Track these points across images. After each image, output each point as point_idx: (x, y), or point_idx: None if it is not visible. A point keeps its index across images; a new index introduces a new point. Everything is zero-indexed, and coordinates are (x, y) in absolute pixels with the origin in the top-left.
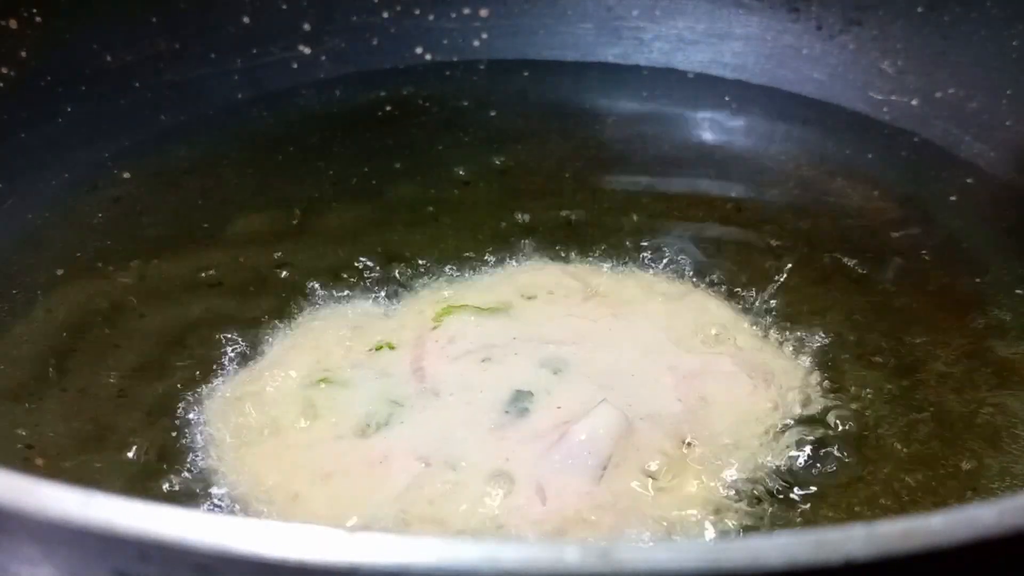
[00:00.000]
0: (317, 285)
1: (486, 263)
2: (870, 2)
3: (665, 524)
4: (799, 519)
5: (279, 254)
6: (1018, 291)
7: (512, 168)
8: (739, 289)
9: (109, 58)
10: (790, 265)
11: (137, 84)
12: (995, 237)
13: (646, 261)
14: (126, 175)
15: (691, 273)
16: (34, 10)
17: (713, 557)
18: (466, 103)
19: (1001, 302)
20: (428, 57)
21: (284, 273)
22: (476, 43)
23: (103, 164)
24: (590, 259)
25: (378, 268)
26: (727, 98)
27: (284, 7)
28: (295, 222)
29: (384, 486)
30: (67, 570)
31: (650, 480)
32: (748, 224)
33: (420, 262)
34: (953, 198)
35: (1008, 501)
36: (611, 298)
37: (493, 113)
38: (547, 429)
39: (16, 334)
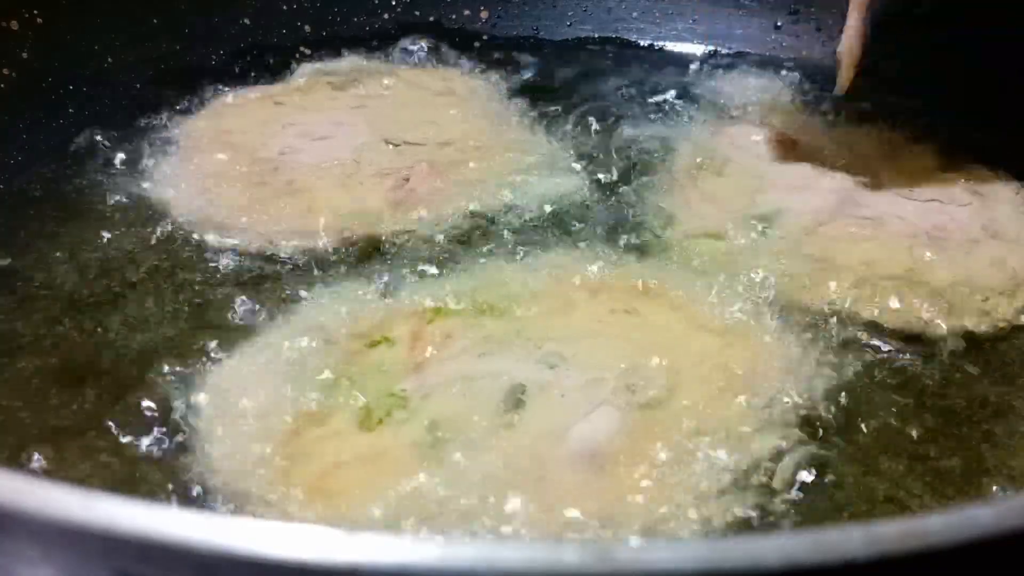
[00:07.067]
0: (315, 277)
1: (483, 258)
2: (869, 4)
3: (666, 521)
4: (800, 517)
5: (279, 246)
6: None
7: None
8: (740, 283)
9: (110, 58)
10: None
11: (137, 84)
12: None
13: (646, 256)
14: (128, 174)
15: (693, 268)
16: (35, 11)
17: (713, 557)
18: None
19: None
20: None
21: (282, 266)
22: (476, 44)
23: (105, 164)
24: (590, 255)
25: (376, 261)
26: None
27: (284, 8)
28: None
29: (384, 481)
30: (67, 570)
31: (651, 478)
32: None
33: (418, 257)
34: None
35: (1006, 502)
36: (612, 293)
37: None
38: (545, 425)
39: (19, 330)
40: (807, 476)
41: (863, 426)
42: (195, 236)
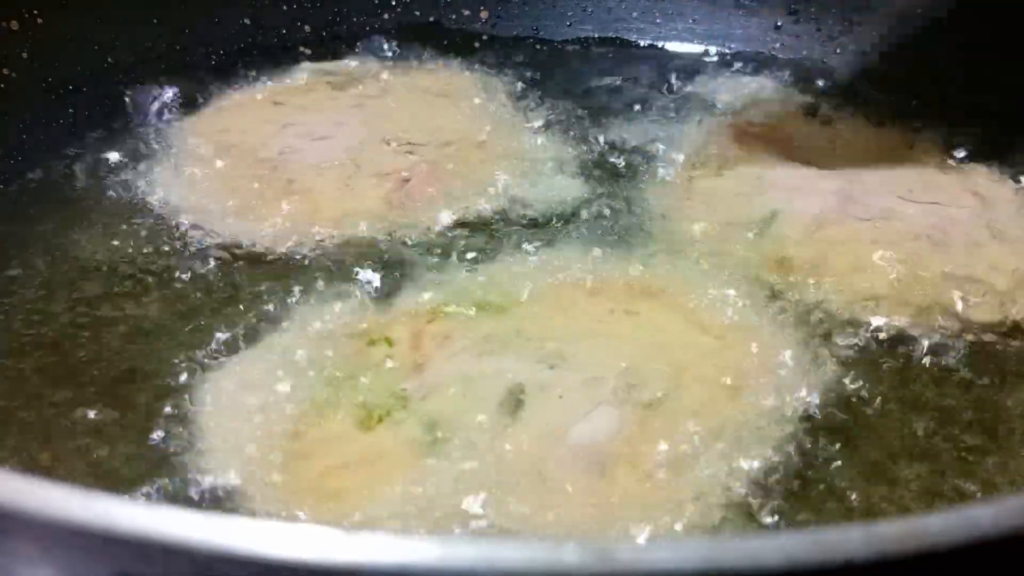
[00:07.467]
0: (315, 277)
1: (483, 258)
2: (868, 4)
3: (666, 521)
4: (800, 515)
5: (279, 246)
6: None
7: None
8: (739, 283)
9: (110, 58)
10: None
11: (137, 84)
12: None
13: (646, 256)
14: (128, 174)
15: (692, 268)
16: (35, 11)
17: (713, 557)
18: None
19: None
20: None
21: (282, 266)
22: (476, 44)
23: (106, 164)
24: (589, 255)
25: (376, 261)
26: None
27: (284, 8)
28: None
29: (384, 481)
30: (67, 570)
31: (651, 478)
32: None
33: (418, 258)
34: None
35: (1005, 502)
36: (612, 293)
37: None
38: (545, 425)
39: (18, 329)
40: (807, 476)
41: (863, 426)
42: (195, 236)
